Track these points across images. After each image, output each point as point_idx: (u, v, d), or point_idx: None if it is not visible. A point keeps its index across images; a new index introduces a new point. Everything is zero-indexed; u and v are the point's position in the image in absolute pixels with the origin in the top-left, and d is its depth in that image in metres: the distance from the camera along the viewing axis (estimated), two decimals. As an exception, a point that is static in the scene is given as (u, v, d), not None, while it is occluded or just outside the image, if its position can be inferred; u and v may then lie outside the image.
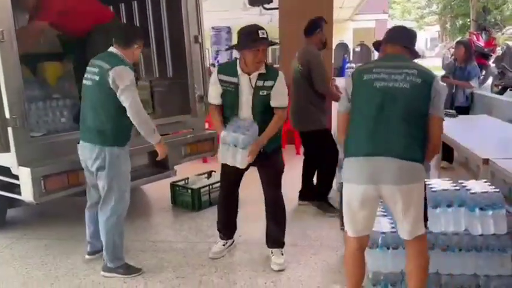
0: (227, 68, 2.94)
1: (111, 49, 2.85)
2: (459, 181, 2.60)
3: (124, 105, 2.72)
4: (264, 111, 2.87)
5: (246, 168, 2.97)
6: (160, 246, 3.44)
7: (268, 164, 2.99)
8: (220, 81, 2.89)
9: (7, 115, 2.86)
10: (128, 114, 2.74)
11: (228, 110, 2.95)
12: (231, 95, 2.88)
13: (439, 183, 2.54)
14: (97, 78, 2.76)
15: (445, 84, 5.27)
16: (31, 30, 3.59)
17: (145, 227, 3.87)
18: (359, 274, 2.35)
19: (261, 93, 2.83)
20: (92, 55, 2.96)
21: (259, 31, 2.75)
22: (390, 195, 2.11)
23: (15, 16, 2.96)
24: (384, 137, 2.11)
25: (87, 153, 2.85)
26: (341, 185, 4.11)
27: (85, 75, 2.87)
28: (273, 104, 2.87)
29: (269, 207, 3.10)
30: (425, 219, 2.21)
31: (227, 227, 3.27)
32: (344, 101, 2.31)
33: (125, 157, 2.90)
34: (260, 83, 2.82)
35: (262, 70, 2.83)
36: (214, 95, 2.95)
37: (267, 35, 2.79)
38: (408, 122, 2.10)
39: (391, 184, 2.08)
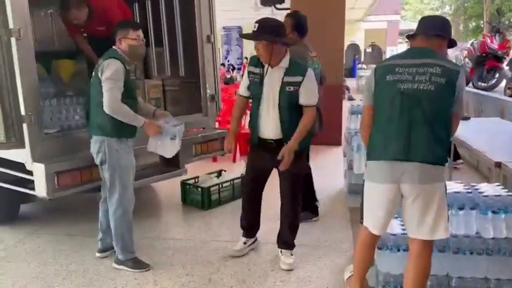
0: (255, 59, 2.92)
1: (114, 46, 2.94)
2: (471, 184, 2.59)
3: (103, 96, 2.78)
4: (290, 108, 2.81)
5: (271, 169, 3.00)
6: (170, 244, 3.47)
7: (292, 164, 2.87)
8: (249, 72, 2.92)
9: (22, 112, 2.90)
10: (104, 106, 2.78)
11: (253, 101, 2.97)
12: (254, 86, 2.88)
13: (451, 186, 2.53)
14: (94, 73, 2.87)
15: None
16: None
17: (155, 224, 3.90)
18: (366, 264, 2.43)
19: (287, 89, 2.78)
20: None
21: (255, 24, 2.73)
22: (411, 191, 2.12)
23: (32, 14, 2.99)
24: (409, 141, 2.10)
25: (92, 147, 2.92)
26: (351, 185, 4.14)
27: (93, 73, 2.94)
28: (302, 101, 2.80)
29: (284, 208, 3.08)
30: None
31: (250, 226, 3.26)
32: (368, 96, 2.29)
33: (126, 151, 2.93)
34: (287, 79, 2.78)
35: (284, 64, 2.78)
36: (242, 86, 3.02)
37: (267, 29, 2.71)
38: (433, 124, 2.09)
39: (414, 183, 2.10)
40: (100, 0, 3.75)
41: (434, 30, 2.21)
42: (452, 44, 2.26)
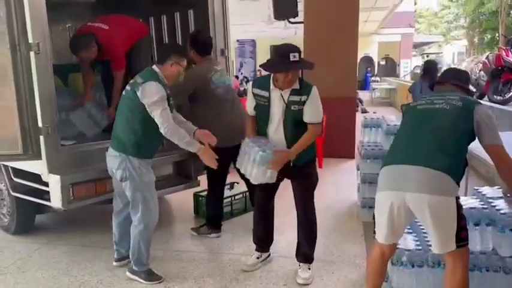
0: (261, 82, 2.95)
1: (153, 66, 2.94)
2: (488, 199, 2.54)
3: (155, 120, 2.80)
4: (295, 127, 2.85)
5: (280, 181, 3.00)
6: (183, 256, 3.47)
7: (300, 177, 2.98)
8: (254, 94, 2.93)
9: (40, 124, 2.96)
10: (160, 128, 2.80)
11: (260, 122, 2.99)
12: (263, 109, 2.90)
13: (466, 201, 2.49)
14: (129, 88, 2.87)
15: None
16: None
17: (168, 236, 3.91)
18: (378, 280, 2.38)
19: (292, 108, 2.82)
20: (135, 68, 3.15)
21: (291, 54, 2.70)
22: (416, 204, 2.12)
23: (50, 28, 3.06)
24: (414, 148, 2.19)
25: (112, 161, 2.93)
26: (364, 199, 4.10)
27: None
28: (305, 119, 2.85)
29: (299, 221, 3.09)
30: (462, 238, 2.16)
31: (262, 239, 3.26)
32: None
33: (147, 168, 2.93)
34: (293, 98, 2.81)
35: (296, 86, 2.82)
36: (249, 107, 3.01)
37: (300, 56, 2.75)
38: (442, 136, 2.17)
39: (416, 192, 2.10)
40: (107, 36, 3.82)
41: (451, 79, 2.47)
42: (469, 93, 2.49)
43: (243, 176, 3.32)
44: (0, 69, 2.88)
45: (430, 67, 5.61)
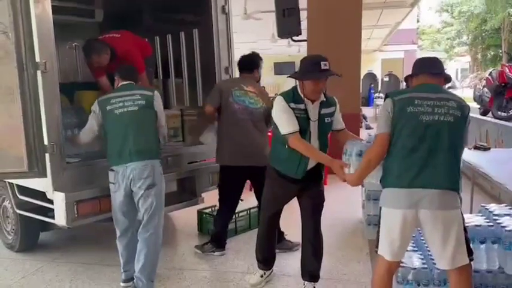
0: (293, 96, 2.85)
1: (128, 82, 3.19)
2: (493, 217, 2.52)
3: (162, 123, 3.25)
4: (326, 137, 2.93)
5: (289, 200, 3.02)
6: (186, 275, 3.44)
7: (313, 192, 2.98)
8: (293, 109, 2.80)
9: (45, 142, 2.98)
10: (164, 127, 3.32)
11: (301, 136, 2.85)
12: (303, 121, 2.81)
13: (471, 219, 2.48)
14: (143, 102, 3.07)
15: None
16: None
17: (171, 254, 3.89)
18: None
19: (326, 120, 2.87)
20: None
21: (322, 62, 2.73)
22: (430, 220, 2.15)
23: (57, 47, 3.11)
24: (428, 169, 2.16)
25: (136, 174, 2.94)
26: (369, 217, 4.08)
27: (123, 103, 3.02)
28: (339, 126, 2.97)
29: (307, 239, 3.04)
30: (470, 251, 2.18)
31: (268, 258, 3.24)
32: (385, 124, 2.28)
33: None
34: (325, 111, 2.86)
35: (323, 98, 2.87)
36: (293, 122, 2.77)
37: (329, 66, 2.77)
38: (451, 153, 2.19)
39: (431, 209, 2.13)
40: (121, 43, 3.89)
41: (437, 69, 2.39)
42: (447, 79, 2.47)
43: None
44: (8, 88, 2.91)
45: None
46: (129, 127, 3.01)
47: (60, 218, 3.06)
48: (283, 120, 2.80)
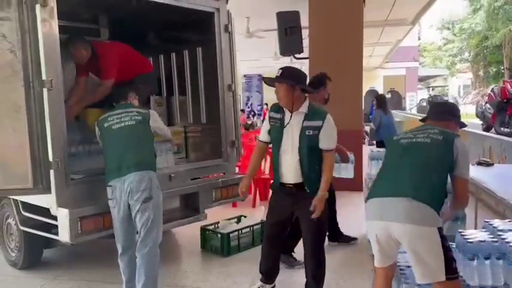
0: (277, 107, 3.00)
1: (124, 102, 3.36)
2: (498, 233, 2.51)
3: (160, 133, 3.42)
4: (310, 152, 2.85)
5: (293, 213, 3.01)
6: (189, 292, 3.42)
7: (304, 210, 2.87)
8: (270, 118, 3.02)
9: (50, 158, 3.01)
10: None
11: (274, 145, 3.01)
12: (275, 130, 2.95)
13: (475, 234, 2.47)
14: (140, 118, 3.17)
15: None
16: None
17: (174, 271, 3.87)
18: None
19: (307, 132, 2.84)
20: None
21: (279, 71, 2.90)
22: (399, 233, 2.20)
23: (63, 65, 3.17)
24: (396, 180, 2.30)
25: (134, 186, 2.95)
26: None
27: (120, 119, 3.10)
28: (322, 146, 2.85)
29: (305, 261, 3.02)
30: (453, 269, 2.17)
31: (267, 270, 3.21)
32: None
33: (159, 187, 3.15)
34: (307, 123, 2.85)
35: (304, 110, 2.87)
36: (264, 130, 3.09)
37: (288, 75, 2.86)
38: (422, 168, 2.27)
39: (398, 222, 2.18)
40: (104, 47, 3.96)
41: (442, 115, 2.54)
42: (462, 125, 2.59)
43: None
44: (14, 105, 2.96)
45: (382, 99, 7.61)
46: (127, 140, 3.08)
47: (63, 235, 3.06)
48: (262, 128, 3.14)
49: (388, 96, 24.73)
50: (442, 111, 2.58)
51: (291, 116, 2.88)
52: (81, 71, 4.07)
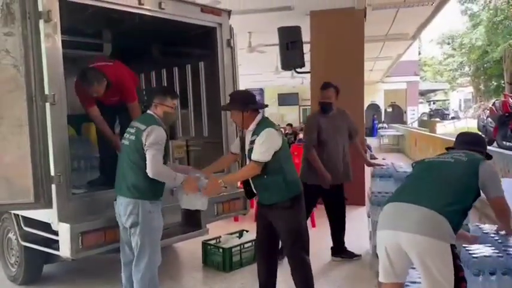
0: None
1: (149, 111, 3.05)
2: (503, 248, 2.48)
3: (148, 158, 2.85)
4: None
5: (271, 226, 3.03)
6: (191, 308, 3.38)
7: (274, 219, 3.01)
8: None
9: (52, 172, 3.00)
10: (148, 169, 2.84)
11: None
12: (241, 147, 3.19)
13: (480, 249, 2.44)
14: (133, 138, 2.93)
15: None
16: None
17: (175, 286, 3.83)
18: None
19: (249, 147, 3.01)
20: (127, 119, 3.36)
21: (229, 95, 3.17)
22: (408, 246, 2.15)
23: (65, 80, 3.17)
24: (418, 189, 2.34)
25: (122, 209, 2.93)
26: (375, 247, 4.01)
27: (127, 135, 3.02)
28: (252, 156, 2.94)
29: (290, 267, 3.04)
30: None
31: (262, 283, 3.19)
32: None
33: (158, 213, 2.97)
34: (252, 138, 2.99)
35: (252, 127, 3.02)
36: (234, 144, 3.36)
37: (235, 100, 3.05)
38: (444, 184, 2.30)
39: (409, 232, 2.14)
40: (114, 71, 3.85)
41: (468, 145, 2.61)
42: (488, 157, 2.60)
43: None
44: (17, 119, 2.95)
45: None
46: (121, 161, 3.01)
47: (64, 250, 3.03)
48: None
49: (389, 110, 24.88)
50: (467, 142, 2.64)
51: (244, 133, 3.12)
52: (90, 103, 3.85)
